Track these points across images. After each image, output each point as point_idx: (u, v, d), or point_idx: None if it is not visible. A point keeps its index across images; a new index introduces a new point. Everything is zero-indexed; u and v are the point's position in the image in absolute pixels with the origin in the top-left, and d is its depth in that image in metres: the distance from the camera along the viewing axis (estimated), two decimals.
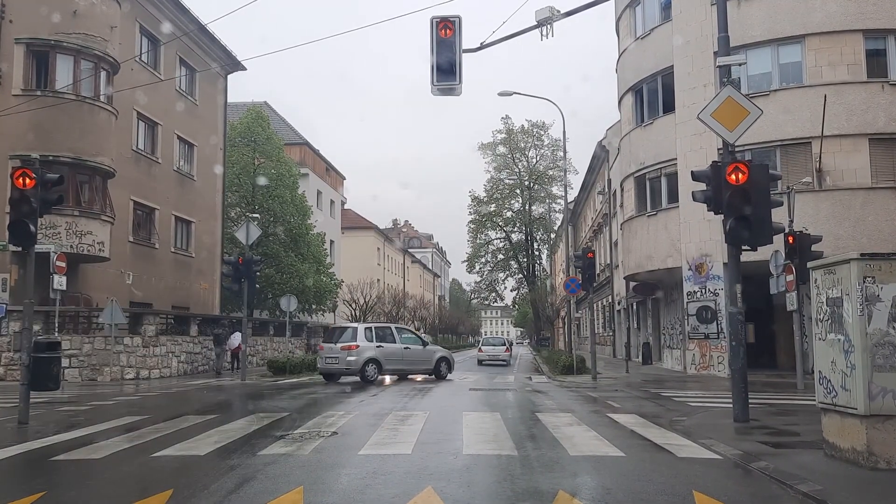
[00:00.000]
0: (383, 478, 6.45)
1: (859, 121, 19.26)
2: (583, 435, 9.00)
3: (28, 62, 20.60)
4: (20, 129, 19.61)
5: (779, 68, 20.41)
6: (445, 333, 78.34)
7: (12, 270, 19.96)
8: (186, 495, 5.79)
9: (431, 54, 10.84)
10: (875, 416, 6.40)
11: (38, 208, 10.43)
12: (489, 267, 58.29)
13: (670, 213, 22.90)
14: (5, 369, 19.32)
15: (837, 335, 6.81)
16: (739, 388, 9.75)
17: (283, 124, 45.33)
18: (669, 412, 11.63)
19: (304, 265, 33.77)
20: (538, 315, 60.19)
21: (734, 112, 9.88)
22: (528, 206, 53.37)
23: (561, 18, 11.49)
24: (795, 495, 5.81)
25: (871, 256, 6.62)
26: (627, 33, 25.57)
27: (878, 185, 19.18)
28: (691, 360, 22.15)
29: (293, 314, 30.00)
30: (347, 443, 8.46)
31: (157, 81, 25.68)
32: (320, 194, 48.10)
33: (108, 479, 6.59)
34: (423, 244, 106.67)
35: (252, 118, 34.37)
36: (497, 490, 6.08)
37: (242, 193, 33.57)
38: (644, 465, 7.15)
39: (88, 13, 21.02)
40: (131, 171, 24.58)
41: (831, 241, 17.39)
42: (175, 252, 28.01)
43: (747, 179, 9.33)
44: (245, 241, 21.73)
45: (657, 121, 23.59)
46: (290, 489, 5.90)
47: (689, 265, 21.87)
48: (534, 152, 53.32)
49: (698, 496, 5.66)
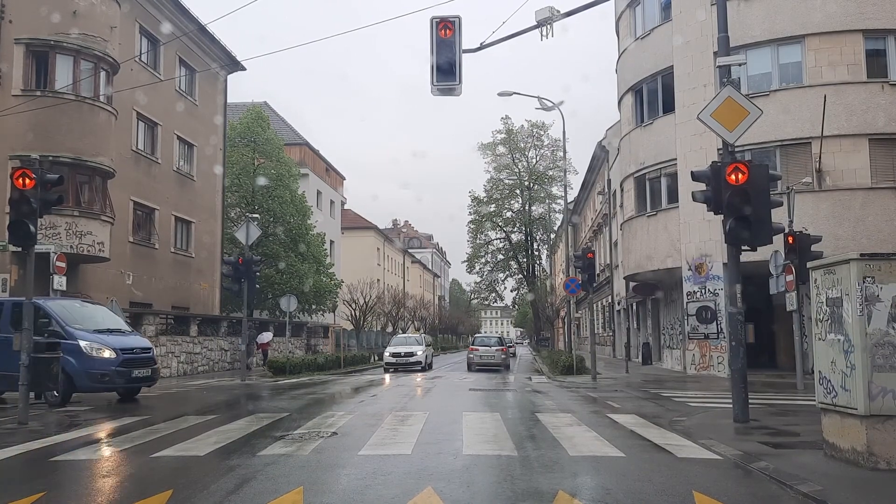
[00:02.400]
0: (383, 478, 6.45)
1: (859, 121, 19.26)
2: (583, 435, 9.00)
3: (28, 62, 20.58)
4: (20, 130, 19.60)
5: (779, 68, 20.41)
6: (445, 334, 78.33)
7: (12, 270, 19.95)
8: (186, 495, 5.79)
9: (431, 54, 10.84)
10: (875, 416, 6.40)
11: (38, 208, 10.43)
12: (489, 267, 58.20)
13: (670, 213, 22.90)
14: None
15: (837, 335, 6.81)
16: (739, 389, 9.75)
17: (282, 124, 45.32)
18: (669, 412, 11.63)
19: (304, 265, 33.78)
20: (538, 315, 60.17)
21: (734, 112, 9.89)
22: (528, 207, 53.31)
23: (561, 18, 11.50)
24: (795, 495, 5.81)
25: (870, 256, 6.62)
26: (627, 33, 25.58)
27: (878, 186, 19.18)
28: (691, 360, 22.15)
29: (293, 314, 30.00)
30: (347, 443, 8.46)
31: (157, 81, 25.67)
32: (320, 194, 48.10)
33: (108, 479, 6.59)
34: (423, 244, 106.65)
35: (252, 118, 34.36)
36: (497, 490, 6.07)
37: (242, 193, 33.55)
38: (644, 465, 7.15)
39: (88, 13, 21.00)
40: (131, 172, 24.58)
41: (831, 241, 17.39)
42: (175, 252, 28.00)
43: (747, 179, 9.33)
44: (245, 241, 21.74)
45: (657, 121, 23.59)
46: (290, 489, 5.90)
47: (689, 265, 21.87)
48: (534, 152, 53.25)
49: (698, 496, 5.66)
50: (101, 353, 13.46)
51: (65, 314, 13.94)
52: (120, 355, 13.60)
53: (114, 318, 15.49)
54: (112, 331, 14.42)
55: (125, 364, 13.66)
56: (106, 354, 13.50)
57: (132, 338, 14.82)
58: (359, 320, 45.56)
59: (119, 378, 13.59)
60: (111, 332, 14.29)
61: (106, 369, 13.42)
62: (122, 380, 13.66)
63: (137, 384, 14.34)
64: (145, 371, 14.27)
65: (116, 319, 15.49)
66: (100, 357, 13.39)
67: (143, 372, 14.16)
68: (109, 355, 13.52)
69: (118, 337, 14.23)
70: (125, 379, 13.71)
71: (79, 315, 14.40)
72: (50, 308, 13.87)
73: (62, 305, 14.52)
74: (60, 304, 14.56)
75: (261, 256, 26.42)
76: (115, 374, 13.48)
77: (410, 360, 29.06)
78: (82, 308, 15.17)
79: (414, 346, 30.74)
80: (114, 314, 15.98)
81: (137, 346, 14.40)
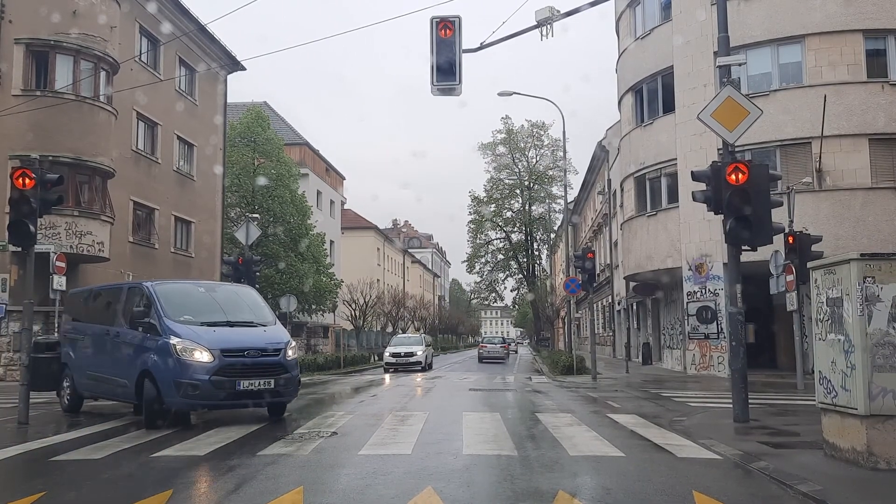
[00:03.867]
0: (383, 478, 6.45)
1: (859, 121, 19.26)
2: (583, 435, 9.00)
3: (28, 62, 20.58)
4: (20, 129, 19.59)
5: (779, 68, 20.41)
6: (445, 334, 78.30)
7: (12, 270, 19.95)
8: (186, 495, 5.80)
9: (431, 54, 10.84)
10: (875, 416, 6.40)
11: (38, 208, 10.43)
12: (489, 267, 58.23)
13: (670, 213, 22.90)
14: (5, 370, 19.32)
15: (837, 335, 6.81)
16: (739, 389, 9.75)
17: (282, 124, 45.30)
18: (669, 412, 11.62)
19: (304, 265, 33.77)
20: (538, 315, 60.15)
21: (734, 112, 9.88)
22: (528, 206, 53.33)
23: (561, 18, 11.50)
24: (795, 495, 5.80)
25: (871, 256, 6.62)
26: (627, 33, 25.57)
27: (878, 186, 19.18)
28: (691, 360, 22.14)
29: (293, 314, 30.00)
30: (347, 443, 8.45)
31: (157, 81, 25.66)
32: (320, 194, 48.08)
33: (108, 479, 6.58)
34: (423, 244, 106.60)
35: (252, 118, 34.36)
36: (497, 490, 6.07)
37: (242, 193, 33.54)
38: (644, 465, 7.15)
39: (88, 13, 21.00)
40: (131, 172, 24.57)
41: (831, 241, 17.38)
42: (175, 252, 27.99)
43: (747, 179, 9.33)
44: (245, 241, 21.72)
45: (657, 121, 23.59)
46: (290, 489, 5.90)
47: (689, 265, 21.87)
48: (534, 152, 53.30)
49: (698, 496, 5.66)
50: (192, 354, 9.64)
51: (170, 300, 10.55)
52: (220, 359, 9.64)
53: (255, 305, 11.53)
54: (234, 324, 10.60)
55: (226, 371, 9.66)
56: (197, 357, 9.63)
57: (259, 332, 10.66)
58: (359, 320, 45.55)
59: (217, 391, 9.59)
60: (232, 326, 10.54)
61: (197, 378, 9.54)
62: (221, 393, 9.63)
63: (248, 401, 10.20)
64: (263, 382, 9.91)
65: (258, 306, 11.49)
66: (189, 361, 9.60)
67: (258, 383, 9.86)
68: (202, 358, 9.63)
69: (230, 331, 10.39)
70: (226, 393, 9.67)
71: (192, 302, 11.04)
72: (154, 292, 10.59)
73: (171, 290, 11.33)
74: (169, 289, 11.35)
75: (261, 256, 26.38)
76: (209, 386, 9.52)
77: (410, 360, 29.09)
78: (201, 293, 11.75)
79: (414, 346, 30.78)
80: (257, 301, 11.74)
81: (254, 345, 10.18)
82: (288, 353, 10.49)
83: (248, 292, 12.16)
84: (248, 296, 11.87)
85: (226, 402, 10.02)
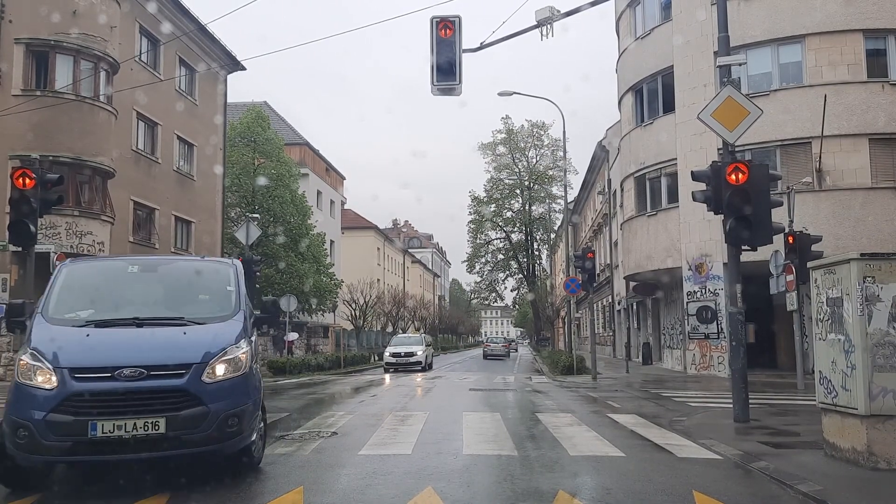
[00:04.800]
0: (383, 478, 6.45)
1: (859, 121, 19.25)
2: (583, 435, 9.00)
3: (28, 62, 20.58)
4: (20, 129, 19.58)
5: (779, 68, 20.41)
6: (445, 333, 78.33)
7: (12, 270, 19.94)
8: (186, 495, 5.79)
9: (431, 54, 10.84)
10: (875, 416, 6.40)
11: (38, 208, 10.45)
12: (489, 267, 58.23)
13: (670, 213, 22.90)
14: (5, 370, 19.31)
15: (838, 335, 6.81)
16: (739, 388, 9.75)
17: (282, 124, 45.31)
18: (669, 412, 11.63)
19: (304, 265, 33.78)
20: (538, 315, 60.15)
21: (734, 112, 9.88)
22: (528, 206, 53.33)
23: (561, 18, 11.50)
24: (795, 495, 5.81)
25: (871, 256, 6.62)
26: (627, 33, 25.57)
27: (878, 185, 19.17)
28: (691, 360, 22.14)
29: (293, 314, 30.00)
30: (347, 443, 8.45)
31: (157, 81, 25.66)
32: (320, 194, 48.08)
33: (108, 479, 6.57)
34: (423, 244, 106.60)
35: (252, 118, 34.36)
36: (497, 490, 6.08)
37: (242, 193, 33.54)
38: (644, 465, 7.15)
39: (88, 13, 20.99)
40: (131, 171, 24.57)
41: (831, 241, 17.37)
42: (175, 252, 27.99)
43: (747, 179, 9.33)
44: (245, 241, 21.73)
45: (657, 121, 23.58)
46: (290, 489, 5.91)
47: (689, 265, 21.87)
48: (534, 152, 53.31)
49: (698, 496, 5.66)
50: (33, 376, 5.81)
51: (71, 286, 6.95)
52: (64, 384, 5.67)
53: (212, 291, 7.60)
54: (144, 321, 6.38)
55: (72, 405, 5.63)
56: (38, 380, 5.77)
57: (170, 337, 6.29)
58: (359, 320, 45.55)
59: (56, 438, 5.56)
60: (140, 325, 6.33)
61: (28, 416, 5.61)
62: (64, 442, 5.58)
63: (113, 456, 5.74)
64: (144, 423, 5.63)
65: (216, 294, 7.51)
66: (27, 386, 5.81)
67: (132, 426, 5.59)
68: (40, 383, 5.75)
69: (121, 335, 6.25)
70: (72, 442, 5.58)
71: (107, 288, 7.26)
72: (55, 276, 7.04)
73: (83, 270, 7.51)
74: (82, 269, 7.53)
75: (261, 256, 26.39)
76: (43, 429, 5.53)
77: (410, 360, 29.09)
78: (131, 274, 7.73)
79: (414, 346, 30.78)
80: (222, 286, 7.55)
81: (136, 360, 5.80)
82: (215, 371, 6.00)
83: (216, 272, 8.01)
84: (212, 278, 7.80)
85: (71, 458, 5.86)
